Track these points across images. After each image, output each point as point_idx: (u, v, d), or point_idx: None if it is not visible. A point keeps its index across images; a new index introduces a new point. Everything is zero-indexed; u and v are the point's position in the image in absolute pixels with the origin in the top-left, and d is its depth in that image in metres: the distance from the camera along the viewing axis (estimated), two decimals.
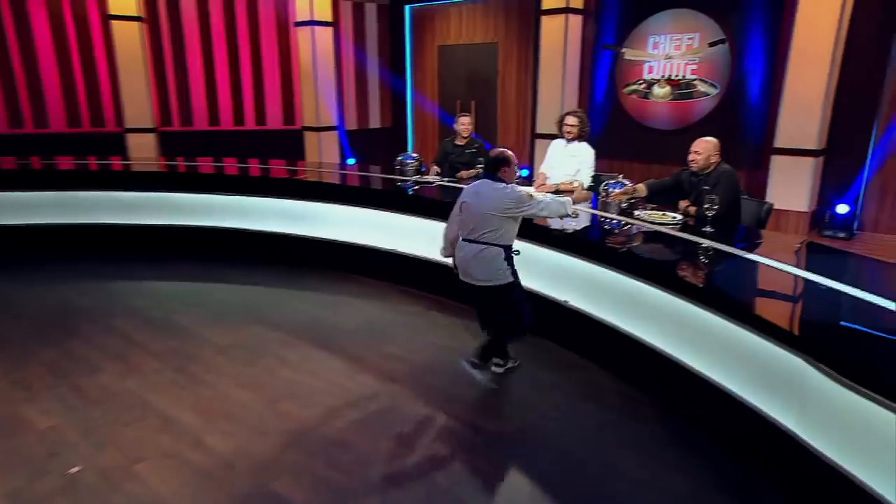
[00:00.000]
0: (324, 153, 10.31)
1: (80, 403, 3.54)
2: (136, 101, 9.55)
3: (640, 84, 8.56)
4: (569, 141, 5.08)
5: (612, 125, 8.98)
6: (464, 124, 5.78)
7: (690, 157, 4.30)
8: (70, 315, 4.81)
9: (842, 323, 2.80)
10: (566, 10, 8.66)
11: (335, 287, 5.50)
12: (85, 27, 9.40)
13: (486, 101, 10.21)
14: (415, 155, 6.06)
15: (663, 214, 4.21)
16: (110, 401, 3.58)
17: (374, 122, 11.26)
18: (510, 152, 3.57)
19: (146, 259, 6.14)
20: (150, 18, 9.65)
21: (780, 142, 7.07)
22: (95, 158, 7.39)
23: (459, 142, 5.87)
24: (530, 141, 9.68)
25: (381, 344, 4.37)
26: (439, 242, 3.86)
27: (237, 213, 6.07)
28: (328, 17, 10.02)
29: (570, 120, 5.04)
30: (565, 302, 4.06)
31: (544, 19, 8.89)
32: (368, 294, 5.35)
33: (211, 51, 10.16)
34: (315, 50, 9.94)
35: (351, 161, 10.55)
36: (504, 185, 3.50)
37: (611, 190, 4.54)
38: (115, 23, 9.23)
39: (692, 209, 4.27)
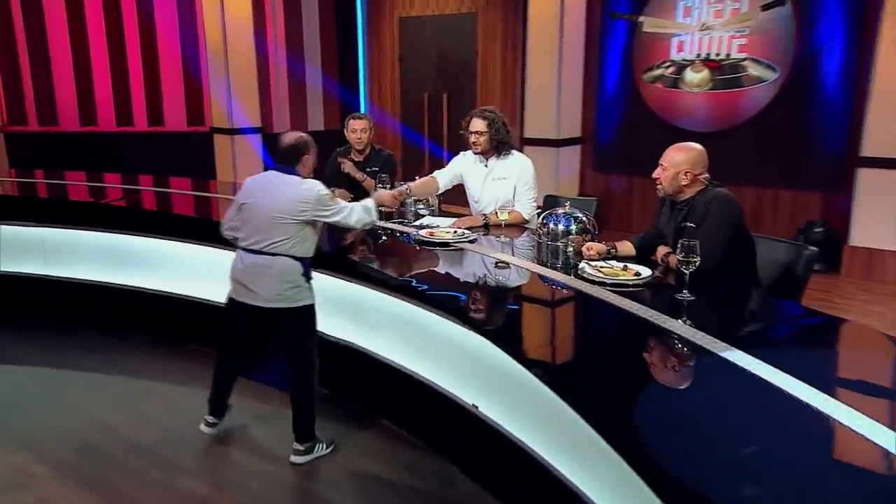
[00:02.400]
0: (238, 162, 9.53)
1: None
2: None
3: (667, 67, 7.67)
4: (483, 156, 4.29)
5: (626, 125, 8.08)
6: (355, 131, 4.86)
7: (655, 173, 3.34)
8: None
9: None
10: None
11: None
12: None
13: (462, 92, 9.32)
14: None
15: (624, 268, 3.16)
16: None
17: (316, 123, 10.43)
18: (309, 137, 3.48)
19: None
20: None
21: (867, 149, 6.28)
22: None
23: (355, 156, 4.95)
24: (519, 148, 8.71)
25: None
26: None
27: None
28: None
29: (476, 125, 4.21)
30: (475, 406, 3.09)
31: None
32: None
33: (84, 29, 9.55)
34: (225, 30, 9.20)
35: None
36: (300, 179, 3.38)
37: (559, 227, 3.50)
38: None
39: (672, 259, 3.22)
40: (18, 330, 5.27)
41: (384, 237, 4.22)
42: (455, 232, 3.91)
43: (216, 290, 4.18)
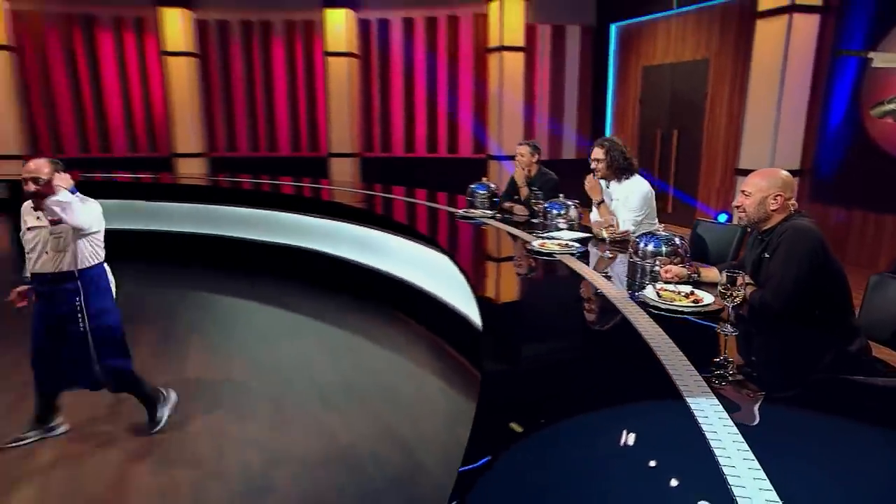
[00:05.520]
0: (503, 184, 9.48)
1: None
2: (339, 128, 10.10)
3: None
4: (604, 180, 3.71)
5: (850, 160, 6.34)
6: (522, 155, 4.51)
7: (736, 201, 2.47)
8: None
9: None
10: (790, 9, 6.37)
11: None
12: (310, 62, 10.30)
13: (689, 128, 8.18)
14: (491, 185, 4.87)
15: (689, 294, 2.39)
16: None
17: (569, 152, 10.01)
18: None
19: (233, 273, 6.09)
20: (361, 54, 10.13)
21: None
22: (290, 179, 7.57)
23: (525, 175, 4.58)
24: (732, 177, 7.40)
25: None
26: None
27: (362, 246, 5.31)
28: (519, 42, 9.23)
29: (595, 152, 3.67)
30: None
31: (759, 23, 6.71)
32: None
33: (412, 81, 10.25)
34: (501, 76, 9.24)
35: None
36: None
37: (649, 247, 2.80)
38: (330, 59, 9.92)
39: (748, 289, 2.37)
40: (298, 288, 5.56)
41: (513, 242, 3.78)
42: (564, 244, 3.36)
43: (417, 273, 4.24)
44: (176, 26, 9.66)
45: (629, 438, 1.50)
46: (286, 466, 2.84)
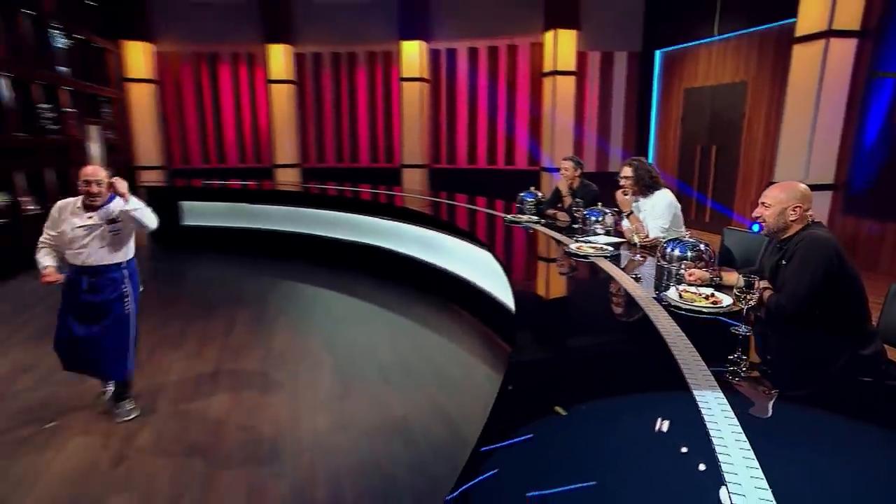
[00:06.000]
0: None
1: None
2: (411, 142, 10.23)
3: None
4: (634, 195, 3.63)
5: (884, 176, 5.85)
6: (566, 169, 4.43)
7: (756, 212, 2.33)
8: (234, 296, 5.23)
9: None
10: (827, 35, 5.94)
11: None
12: (388, 86, 10.49)
13: (727, 146, 7.77)
14: (538, 193, 4.82)
15: (709, 296, 2.29)
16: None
17: (615, 166, 9.71)
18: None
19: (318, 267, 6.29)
20: (431, 78, 10.23)
21: None
22: (369, 187, 7.63)
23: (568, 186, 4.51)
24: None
25: None
26: None
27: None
28: (571, 67, 9.06)
29: (625, 170, 3.61)
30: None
31: (796, 48, 6.29)
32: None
33: (475, 102, 10.24)
34: (554, 97, 9.11)
35: None
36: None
37: (675, 252, 2.69)
38: (405, 83, 10.08)
39: (766, 293, 2.24)
40: (369, 280, 5.71)
41: (553, 244, 3.71)
42: (598, 248, 3.28)
43: (470, 270, 4.24)
44: (279, 59, 10.08)
45: (633, 424, 1.46)
46: (348, 431, 2.92)
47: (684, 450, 1.33)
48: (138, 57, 9.87)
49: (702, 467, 1.24)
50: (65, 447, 2.77)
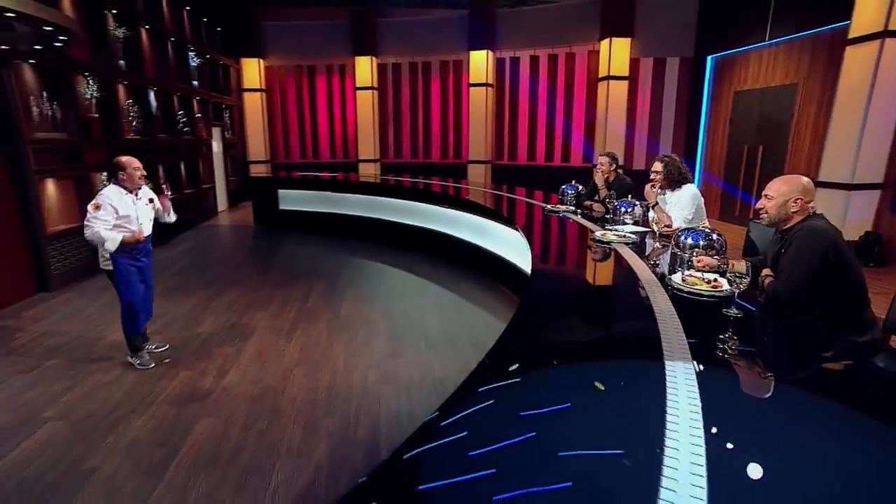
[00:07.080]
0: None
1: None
2: (476, 141, 10.23)
3: None
4: (661, 189, 3.44)
5: None
6: (602, 164, 4.27)
7: (759, 203, 2.18)
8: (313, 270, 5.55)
9: None
10: (882, 35, 5.29)
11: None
12: (457, 91, 10.52)
13: (774, 146, 7.14)
14: (578, 186, 4.71)
15: (711, 281, 2.19)
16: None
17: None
18: (123, 158, 3.08)
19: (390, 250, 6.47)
20: (496, 84, 10.14)
21: None
22: (438, 179, 7.93)
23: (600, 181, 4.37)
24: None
25: None
26: None
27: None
28: (624, 73, 8.66)
29: (656, 166, 3.44)
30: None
31: (849, 50, 5.65)
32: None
33: (535, 104, 10.05)
34: (608, 100, 8.75)
35: None
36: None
37: (688, 240, 2.57)
38: (472, 88, 10.06)
39: (766, 280, 2.11)
40: (427, 259, 5.80)
41: (583, 231, 3.60)
42: (622, 235, 3.19)
43: (512, 253, 4.23)
44: (365, 69, 10.39)
45: (599, 385, 1.45)
46: (393, 386, 3.05)
47: (636, 412, 1.31)
48: (252, 71, 10.55)
49: (647, 429, 1.22)
50: (175, 378, 3.12)
